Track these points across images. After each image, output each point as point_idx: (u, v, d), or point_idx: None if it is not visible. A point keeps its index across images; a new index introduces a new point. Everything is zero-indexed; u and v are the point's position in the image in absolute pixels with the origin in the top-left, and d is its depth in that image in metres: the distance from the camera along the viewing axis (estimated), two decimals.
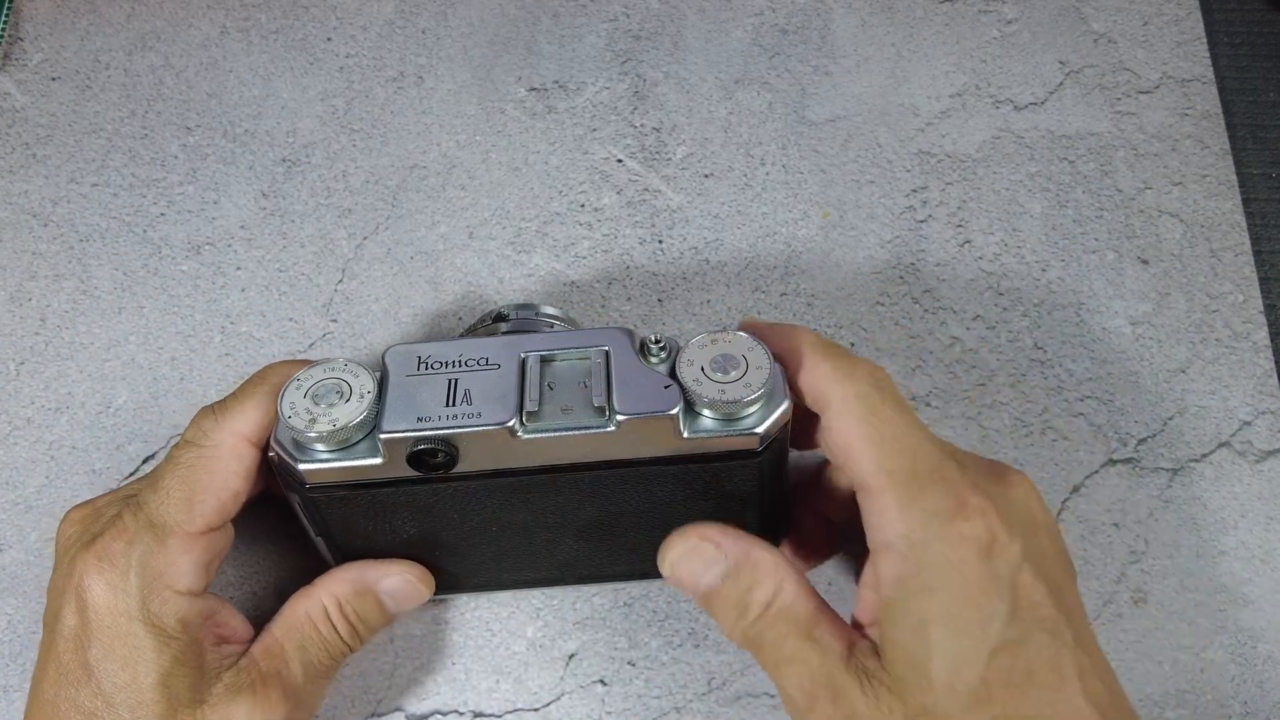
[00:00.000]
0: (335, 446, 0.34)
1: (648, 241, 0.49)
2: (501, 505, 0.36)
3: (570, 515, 0.37)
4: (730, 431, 0.33)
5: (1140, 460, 0.45)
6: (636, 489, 0.36)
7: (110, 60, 0.51)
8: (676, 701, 0.42)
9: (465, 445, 0.33)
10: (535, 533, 0.38)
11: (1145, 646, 0.43)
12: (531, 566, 0.40)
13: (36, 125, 0.50)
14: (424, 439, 0.33)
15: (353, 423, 0.33)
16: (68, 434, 0.46)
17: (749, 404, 0.33)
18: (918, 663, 0.31)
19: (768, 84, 0.52)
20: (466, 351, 0.35)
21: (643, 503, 0.36)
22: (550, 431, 0.33)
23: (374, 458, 0.34)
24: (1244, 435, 0.45)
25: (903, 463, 0.32)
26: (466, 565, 0.39)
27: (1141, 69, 0.52)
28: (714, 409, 0.33)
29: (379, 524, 0.37)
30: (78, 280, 0.48)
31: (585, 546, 0.39)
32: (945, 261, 0.48)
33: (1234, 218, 0.49)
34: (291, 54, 0.51)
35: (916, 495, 0.32)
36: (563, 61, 0.52)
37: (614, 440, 0.33)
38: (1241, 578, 0.43)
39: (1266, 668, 0.42)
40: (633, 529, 0.38)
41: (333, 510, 0.36)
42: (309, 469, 0.34)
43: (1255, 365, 0.46)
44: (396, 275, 0.48)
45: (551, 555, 0.39)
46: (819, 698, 0.32)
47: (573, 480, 0.35)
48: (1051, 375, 0.46)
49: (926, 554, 0.31)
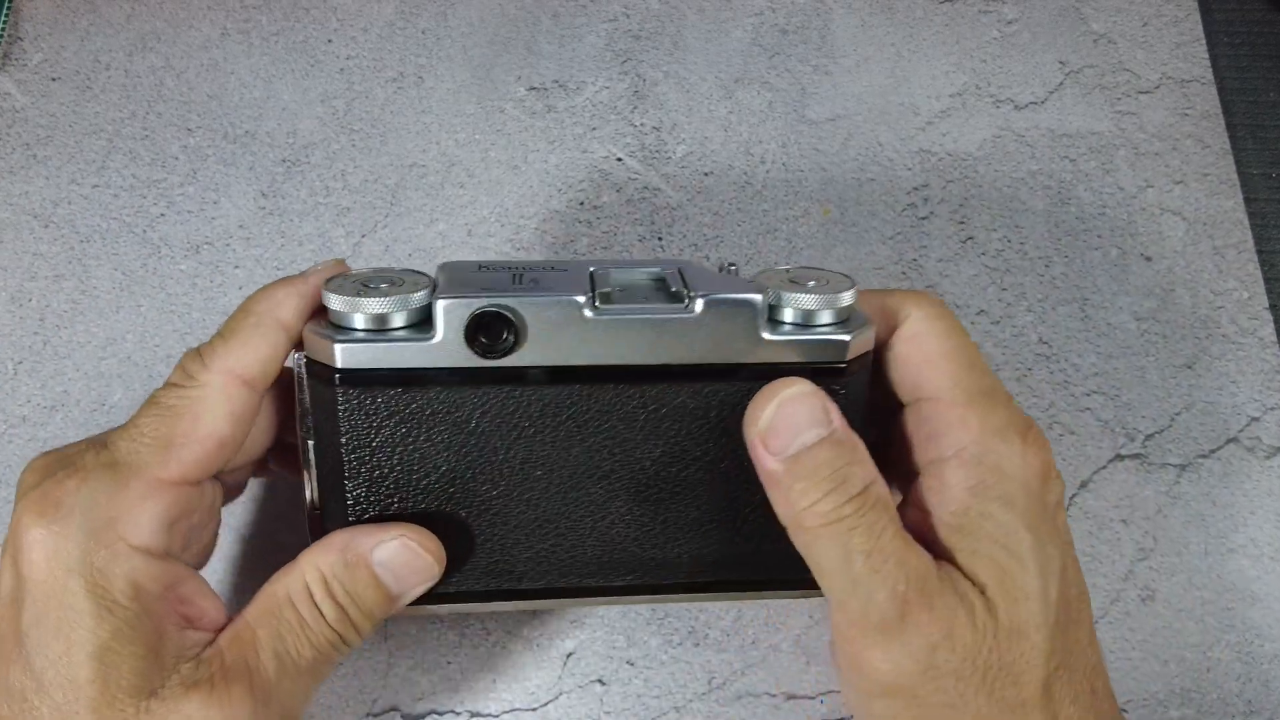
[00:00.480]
0: (383, 326, 0.30)
1: (647, 239, 0.49)
2: (555, 435, 0.32)
3: (629, 459, 0.32)
4: (814, 339, 0.31)
5: (1148, 455, 0.44)
6: (708, 418, 0.32)
7: (110, 61, 0.51)
8: (676, 701, 0.41)
9: (533, 320, 0.30)
10: (585, 486, 0.33)
11: (1152, 645, 0.42)
12: (573, 545, 0.34)
13: (37, 126, 0.50)
14: (489, 306, 0.29)
15: (410, 294, 0.30)
16: (61, 432, 0.45)
17: (833, 307, 0.31)
18: (1009, 574, 0.30)
19: (768, 83, 0.52)
20: (530, 262, 0.33)
21: (712, 448, 0.32)
22: (625, 314, 0.30)
23: (425, 337, 0.30)
24: (1252, 431, 0.45)
25: (978, 379, 0.32)
26: (497, 539, 0.33)
27: (1141, 69, 0.52)
28: (797, 306, 0.31)
29: (409, 452, 0.31)
30: (77, 280, 0.48)
31: (639, 517, 0.33)
32: (948, 257, 0.48)
33: (1236, 215, 0.49)
34: (292, 56, 0.51)
35: (992, 410, 0.32)
36: (562, 61, 0.52)
37: (692, 331, 0.31)
38: (1250, 575, 0.43)
39: (1272, 666, 0.42)
40: (695, 495, 0.33)
41: (359, 426, 0.31)
42: (347, 347, 0.30)
43: (1263, 361, 0.46)
44: None
45: (599, 529, 0.33)
46: (914, 605, 0.29)
47: (638, 401, 0.32)
48: (1057, 370, 0.46)
49: (1004, 465, 0.31)
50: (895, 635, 0.29)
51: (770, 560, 0.34)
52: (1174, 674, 0.42)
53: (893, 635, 0.29)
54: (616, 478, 0.33)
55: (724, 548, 0.33)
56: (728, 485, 0.33)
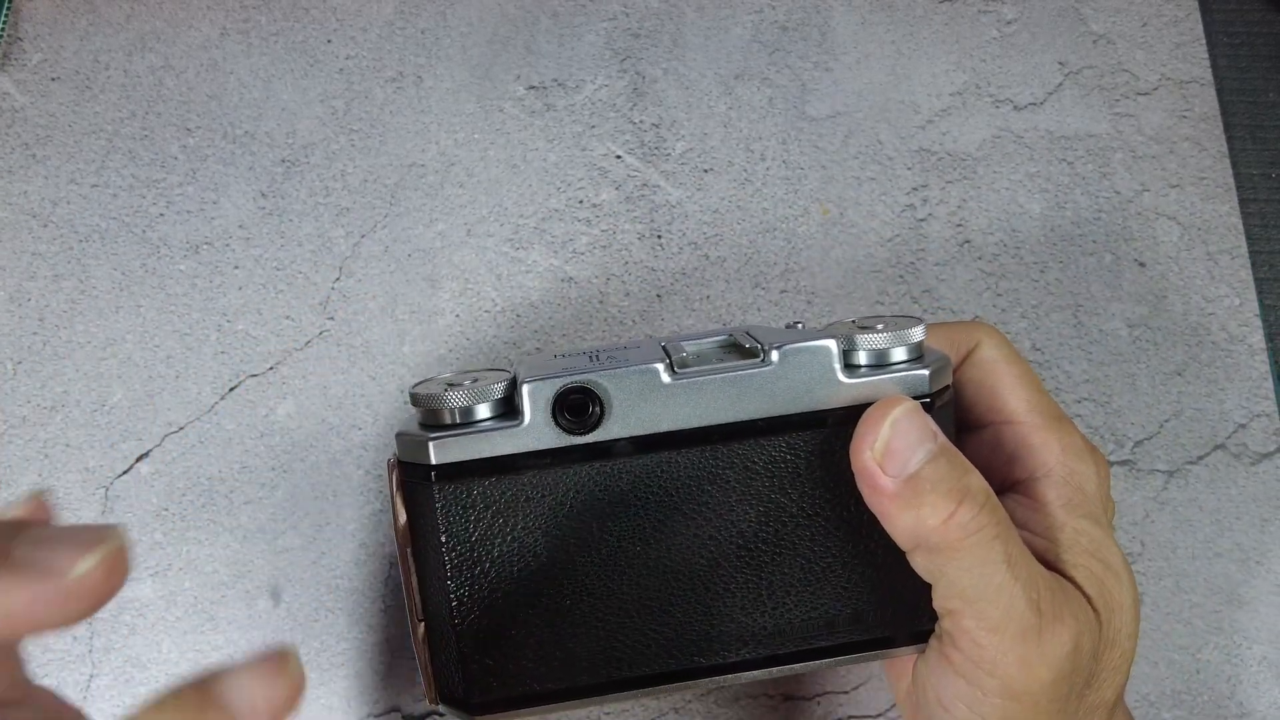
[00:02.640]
0: (471, 419, 0.31)
1: (646, 237, 0.49)
2: (648, 506, 0.32)
3: (726, 523, 0.32)
4: (893, 377, 0.31)
5: (1137, 462, 0.45)
6: (800, 471, 0.32)
7: (110, 61, 0.51)
8: (675, 702, 0.42)
9: (615, 392, 0.31)
10: (686, 557, 0.32)
11: (1141, 647, 0.43)
12: (682, 623, 0.32)
13: (36, 126, 0.50)
14: (572, 383, 0.30)
15: (493, 385, 0.31)
16: (62, 432, 0.46)
17: (905, 343, 0.31)
18: (1106, 586, 0.32)
19: (768, 80, 0.52)
20: (604, 346, 0.34)
21: (808, 503, 0.32)
22: (704, 375, 0.31)
23: (513, 424, 0.31)
24: (1239, 438, 0.45)
25: (1049, 404, 0.35)
26: (603, 623, 0.32)
27: (1140, 70, 0.52)
28: (870, 347, 0.31)
29: (508, 542, 0.32)
30: (76, 280, 0.48)
31: (744, 584, 0.32)
32: (945, 261, 0.48)
33: (1231, 220, 0.49)
34: (292, 56, 0.51)
35: (1068, 432, 0.34)
36: (562, 60, 0.52)
37: (771, 382, 0.31)
38: (1237, 579, 0.44)
39: (1261, 669, 0.42)
40: (797, 554, 0.32)
41: (456, 521, 0.31)
42: (440, 443, 0.31)
43: (1251, 368, 0.46)
44: (394, 273, 0.48)
45: (705, 600, 0.32)
46: (1049, 614, 0.30)
47: (728, 461, 0.32)
48: (1049, 377, 0.46)
49: (1085, 484, 0.33)
50: (1034, 642, 0.29)
51: (879, 616, 0.33)
52: (1164, 676, 0.43)
53: (1031, 642, 0.29)
54: (717, 545, 0.32)
55: (832, 608, 0.33)
56: (829, 539, 0.32)
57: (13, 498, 0.45)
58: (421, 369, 0.47)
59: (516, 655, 0.31)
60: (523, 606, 0.32)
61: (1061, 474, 0.33)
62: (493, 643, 0.31)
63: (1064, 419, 0.34)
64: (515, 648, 0.31)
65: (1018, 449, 0.34)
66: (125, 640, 0.44)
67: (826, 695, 0.43)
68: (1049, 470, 0.33)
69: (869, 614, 0.33)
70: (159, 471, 0.46)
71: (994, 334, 0.36)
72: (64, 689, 0.43)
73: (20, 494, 0.45)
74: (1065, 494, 0.33)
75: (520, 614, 0.32)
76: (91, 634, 0.44)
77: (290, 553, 0.44)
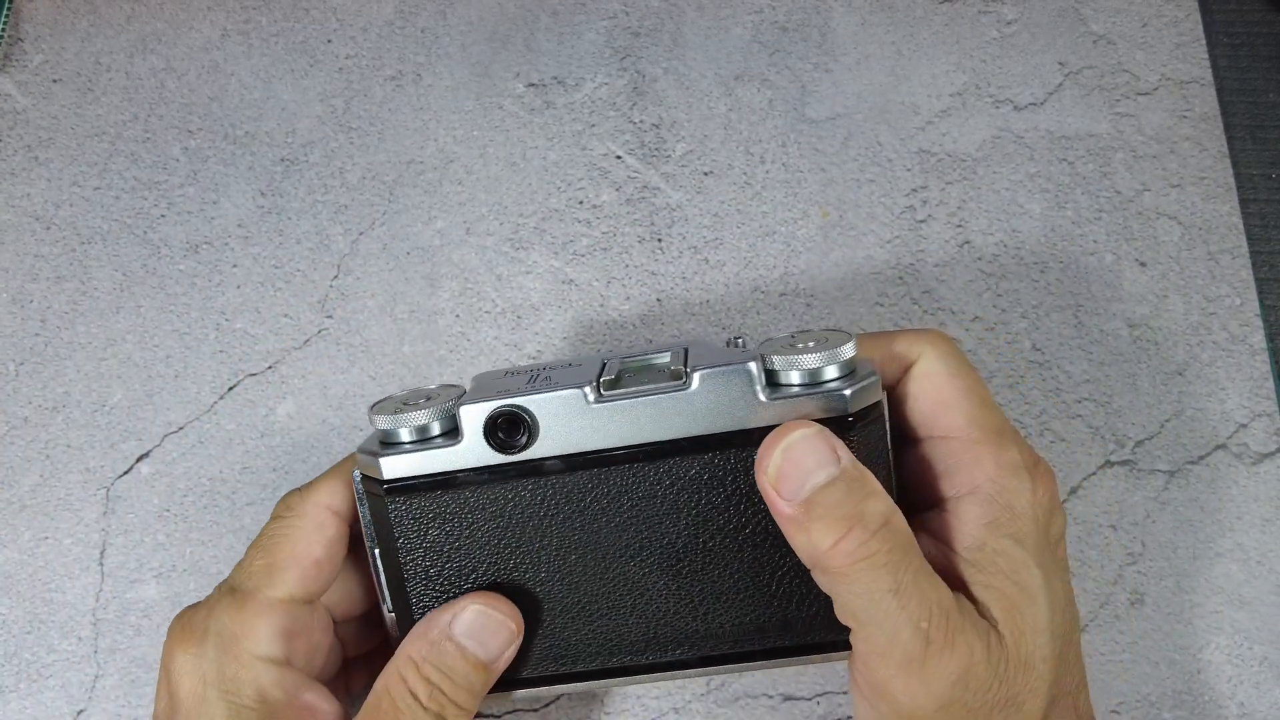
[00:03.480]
0: (418, 437, 0.34)
1: (646, 240, 0.49)
2: (582, 519, 0.34)
3: (656, 535, 0.34)
4: (813, 394, 0.32)
5: (1137, 462, 0.45)
6: (724, 486, 0.33)
7: (111, 63, 0.51)
8: (675, 702, 0.42)
9: (542, 414, 0.33)
10: (620, 566, 0.34)
11: (1142, 648, 0.43)
12: (618, 625, 0.35)
13: (38, 128, 0.50)
14: (501, 407, 0.33)
15: (438, 404, 0.34)
16: (63, 432, 0.46)
17: (829, 363, 0.32)
18: (1019, 608, 0.31)
19: (768, 81, 0.52)
20: (552, 363, 0.36)
21: (734, 515, 0.34)
22: (626, 398, 0.33)
23: (453, 443, 0.33)
24: (1240, 437, 0.45)
25: (989, 417, 0.34)
26: (546, 625, 0.35)
27: (1140, 70, 0.52)
28: (796, 368, 0.32)
29: (456, 550, 0.35)
30: (78, 282, 0.48)
31: (675, 591, 0.35)
32: (944, 262, 0.48)
33: (1231, 220, 0.49)
34: (292, 56, 0.51)
35: (1005, 447, 0.33)
36: (561, 58, 0.52)
37: (692, 403, 0.33)
38: (1238, 579, 0.43)
39: (1262, 669, 0.42)
40: (726, 564, 0.34)
41: (409, 530, 0.34)
42: (389, 460, 0.34)
43: (1252, 368, 0.46)
44: (392, 271, 0.48)
45: (639, 606, 0.35)
46: (936, 642, 0.29)
47: (655, 475, 0.33)
48: (1049, 377, 0.46)
49: (1015, 503, 0.32)
50: (917, 671, 0.30)
51: (806, 623, 0.34)
52: (1165, 676, 0.43)
53: (914, 670, 0.30)
54: (648, 554, 0.34)
55: (762, 614, 0.34)
56: (756, 551, 0.34)
57: (15, 498, 0.45)
58: (421, 369, 0.47)
59: None
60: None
61: (990, 491, 0.32)
62: None
63: (1005, 434, 0.33)
64: None
65: (950, 465, 0.33)
66: (130, 641, 0.44)
67: (827, 695, 0.43)
68: (977, 487, 0.32)
69: (797, 621, 0.34)
70: (159, 472, 0.46)
71: (940, 344, 0.35)
72: (69, 689, 0.43)
73: (22, 494, 0.45)
74: (991, 512, 0.32)
75: None
76: (96, 635, 0.44)
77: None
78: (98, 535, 0.45)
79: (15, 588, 0.44)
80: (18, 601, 0.44)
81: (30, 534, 0.44)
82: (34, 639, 0.44)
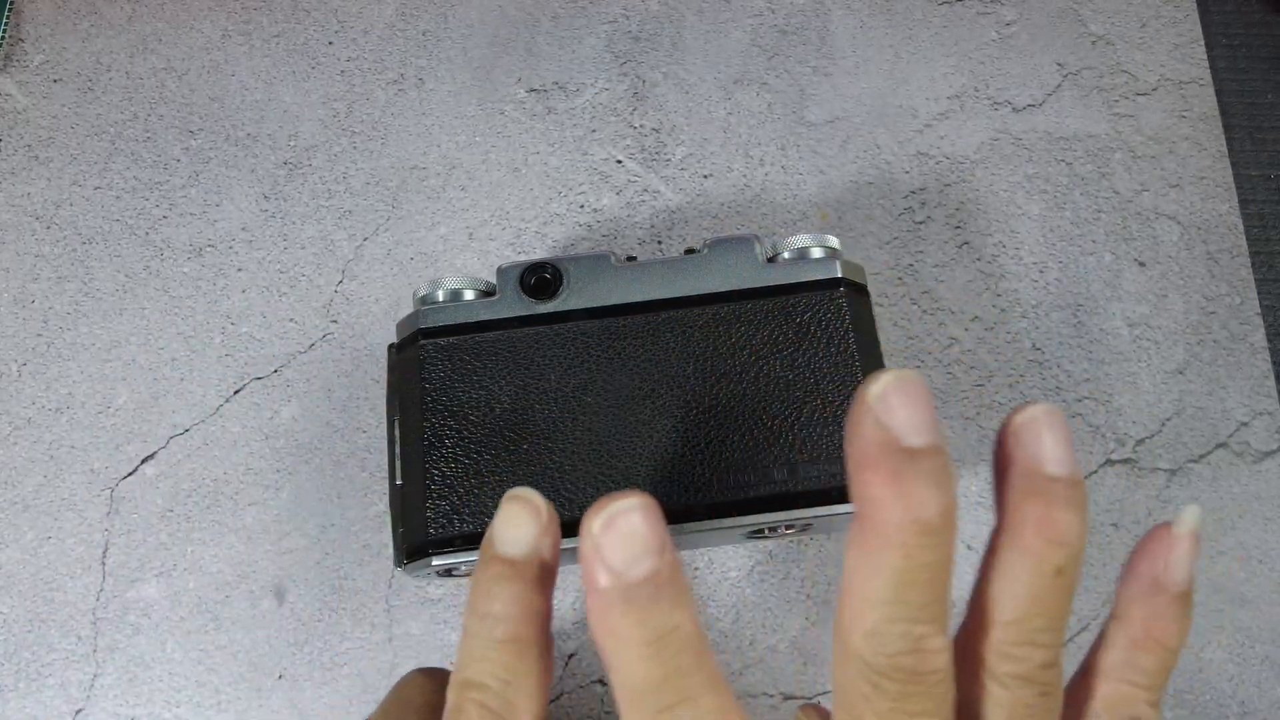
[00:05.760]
0: (453, 299, 0.38)
1: (647, 242, 0.49)
2: (599, 363, 0.37)
3: (666, 378, 0.37)
4: (808, 261, 0.38)
5: (1138, 461, 0.45)
6: (730, 334, 0.37)
7: (112, 63, 0.51)
8: None
9: (573, 271, 0.38)
10: (633, 408, 0.36)
11: None
12: (628, 467, 0.36)
13: (39, 127, 0.50)
14: (536, 262, 0.38)
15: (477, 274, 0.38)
16: (67, 434, 0.46)
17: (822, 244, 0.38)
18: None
19: (767, 84, 0.52)
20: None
21: (741, 359, 0.37)
22: (647, 263, 0.38)
23: (489, 300, 0.38)
24: (1241, 436, 0.45)
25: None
26: (556, 465, 0.36)
27: (1139, 71, 0.52)
28: (791, 246, 0.38)
29: (478, 385, 0.37)
30: (80, 282, 0.48)
31: (685, 434, 0.36)
32: (944, 263, 0.48)
33: (1231, 220, 0.49)
34: (293, 58, 0.52)
35: None
36: (562, 63, 0.52)
37: (702, 267, 0.38)
38: (1239, 578, 0.44)
39: (1264, 668, 0.42)
40: (730, 411, 0.36)
41: (436, 369, 0.37)
42: (425, 311, 0.37)
43: (1253, 366, 0.46)
44: (396, 276, 0.48)
45: (650, 448, 0.36)
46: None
47: (667, 325, 0.37)
48: (1049, 376, 0.46)
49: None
50: None
51: (809, 467, 0.36)
52: None
53: None
54: (659, 398, 0.37)
55: (765, 456, 0.36)
56: (758, 395, 0.37)
57: (19, 498, 0.45)
58: None
59: (476, 493, 0.36)
60: (485, 448, 0.36)
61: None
62: (457, 480, 0.36)
63: None
64: (476, 485, 0.36)
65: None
66: (129, 640, 0.44)
67: (827, 694, 0.43)
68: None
69: (800, 467, 0.36)
70: (164, 473, 0.46)
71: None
72: (68, 688, 0.43)
73: (25, 495, 0.45)
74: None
75: (482, 454, 0.36)
76: (96, 633, 0.44)
77: (294, 553, 0.44)
78: (100, 535, 0.45)
79: (17, 587, 0.44)
80: (19, 601, 0.44)
81: (33, 534, 0.44)
82: (34, 638, 0.44)
